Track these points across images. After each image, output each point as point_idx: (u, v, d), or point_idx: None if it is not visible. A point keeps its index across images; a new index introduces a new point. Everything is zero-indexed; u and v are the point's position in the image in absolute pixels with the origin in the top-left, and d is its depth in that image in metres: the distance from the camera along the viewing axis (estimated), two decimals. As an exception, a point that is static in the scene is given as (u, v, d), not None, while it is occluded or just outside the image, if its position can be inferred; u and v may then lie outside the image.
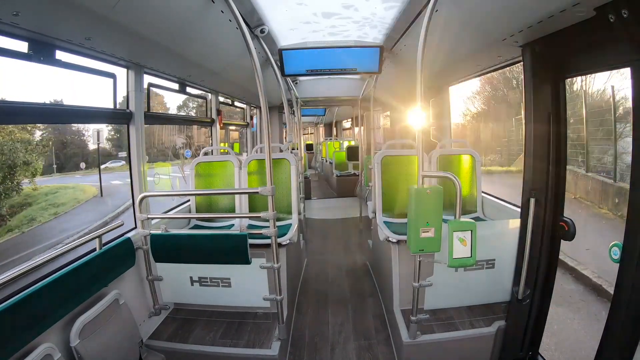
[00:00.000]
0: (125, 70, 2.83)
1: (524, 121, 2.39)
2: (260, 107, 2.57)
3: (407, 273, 2.94)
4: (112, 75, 2.73)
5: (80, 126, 17.18)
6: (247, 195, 3.72)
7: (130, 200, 2.91)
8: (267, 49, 3.34)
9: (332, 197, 9.41)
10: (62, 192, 13.39)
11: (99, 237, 2.36)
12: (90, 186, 14.33)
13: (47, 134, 15.25)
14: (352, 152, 9.29)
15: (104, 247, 2.38)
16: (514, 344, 2.58)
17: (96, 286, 2.25)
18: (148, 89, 3.25)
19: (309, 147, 15.92)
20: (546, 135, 2.27)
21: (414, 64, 2.23)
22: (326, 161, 12.12)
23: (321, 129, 18.96)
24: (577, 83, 9.01)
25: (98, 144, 15.77)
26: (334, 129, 15.93)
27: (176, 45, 2.60)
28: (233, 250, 2.53)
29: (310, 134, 20.07)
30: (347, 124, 15.89)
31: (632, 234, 1.71)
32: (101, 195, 14.11)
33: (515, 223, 2.53)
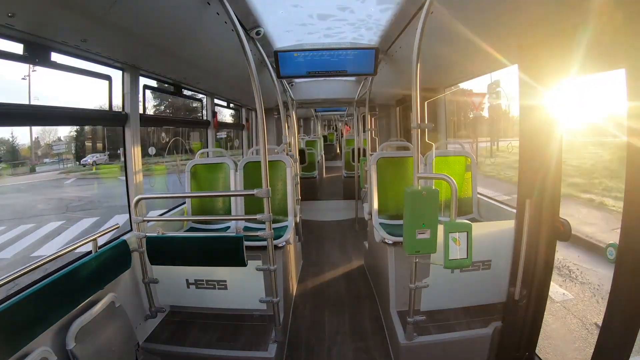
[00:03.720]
0: (120, 72, 2.82)
1: (519, 122, 2.41)
2: (256, 109, 2.57)
3: (403, 274, 2.94)
4: (107, 78, 2.72)
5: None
6: (243, 198, 3.72)
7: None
8: (263, 50, 3.34)
9: (335, 199, 9.38)
10: None
11: (95, 239, 2.35)
12: None
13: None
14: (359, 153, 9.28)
15: (100, 250, 2.36)
16: (511, 344, 2.58)
17: (92, 289, 2.24)
18: (144, 91, 3.25)
19: (328, 147, 16.02)
20: (542, 137, 2.28)
21: (410, 66, 2.24)
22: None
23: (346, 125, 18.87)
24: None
25: None
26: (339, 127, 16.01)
27: (172, 48, 2.60)
28: (229, 252, 2.52)
29: (330, 133, 19.82)
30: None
31: (628, 234, 1.72)
32: None
33: (511, 224, 2.54)
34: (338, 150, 15.30)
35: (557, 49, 2.07)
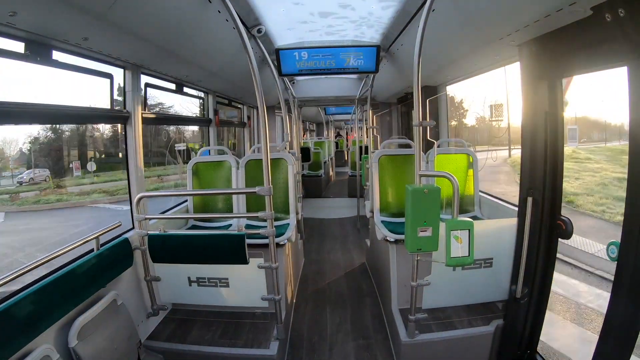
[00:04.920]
0: (122, 70, 2.82)
1: (521, 120, 2.40)
2: (257, 107, 2.57)
3: (405, 272, 2.94)
4: (109, 76, 2.72)
5: None
6: (244, 195, 3.72)
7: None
8: (264, 48, 3.33)
9: (338, 197, 9.38)
10: None
11: (97, 237, 2.35)
12: None
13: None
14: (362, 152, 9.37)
15: (102, 248, 2.37)
16: (512, 342, 2.58)
17: (94, 287, 2.25)
18: (145, 89, 3.24)
19: (339, 153, 16.34)
20: (543, 134, 2.28)
21: (411, 64, 2.24)
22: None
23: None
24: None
25: None
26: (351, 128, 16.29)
27: (173, 46, 2.59)
28: (231, 250, 2.53)
29: (340, 140, 20.05)
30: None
31: (630, 233, 1.71)
32: None
33: (513, 222, 2.54)
34: (346, 158, 15.65)
35: (558, 46, 2.06)
